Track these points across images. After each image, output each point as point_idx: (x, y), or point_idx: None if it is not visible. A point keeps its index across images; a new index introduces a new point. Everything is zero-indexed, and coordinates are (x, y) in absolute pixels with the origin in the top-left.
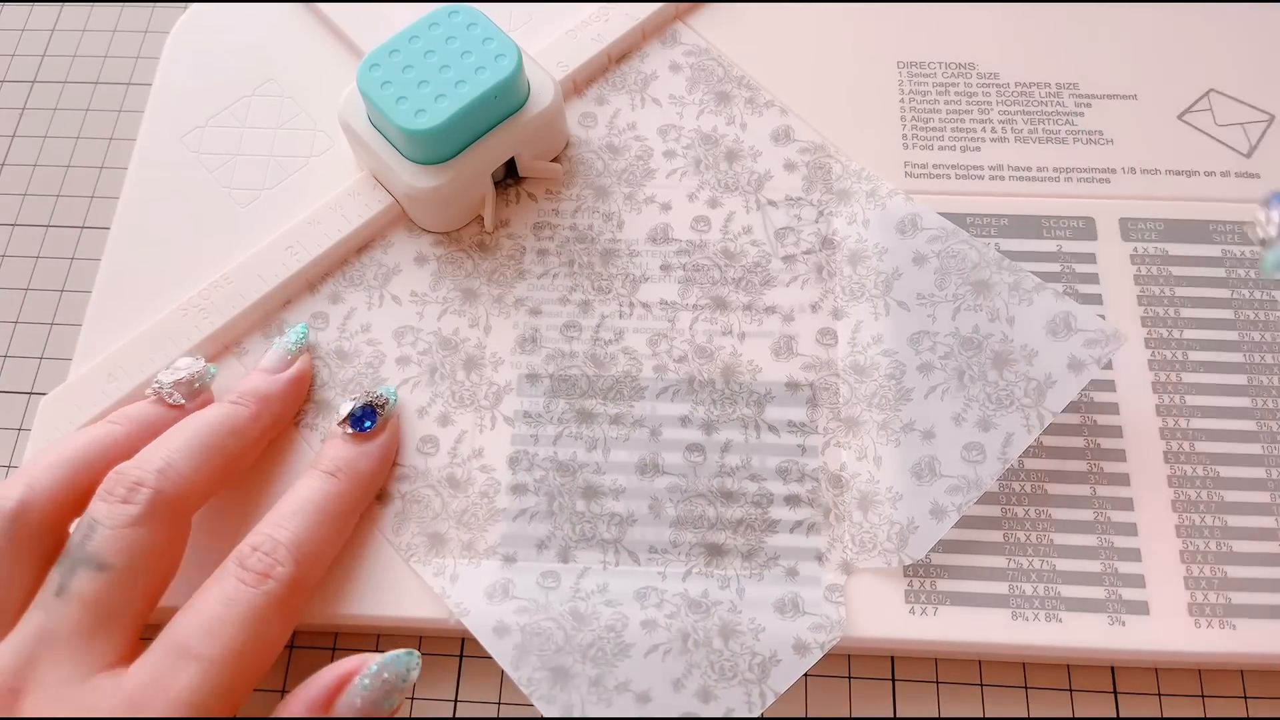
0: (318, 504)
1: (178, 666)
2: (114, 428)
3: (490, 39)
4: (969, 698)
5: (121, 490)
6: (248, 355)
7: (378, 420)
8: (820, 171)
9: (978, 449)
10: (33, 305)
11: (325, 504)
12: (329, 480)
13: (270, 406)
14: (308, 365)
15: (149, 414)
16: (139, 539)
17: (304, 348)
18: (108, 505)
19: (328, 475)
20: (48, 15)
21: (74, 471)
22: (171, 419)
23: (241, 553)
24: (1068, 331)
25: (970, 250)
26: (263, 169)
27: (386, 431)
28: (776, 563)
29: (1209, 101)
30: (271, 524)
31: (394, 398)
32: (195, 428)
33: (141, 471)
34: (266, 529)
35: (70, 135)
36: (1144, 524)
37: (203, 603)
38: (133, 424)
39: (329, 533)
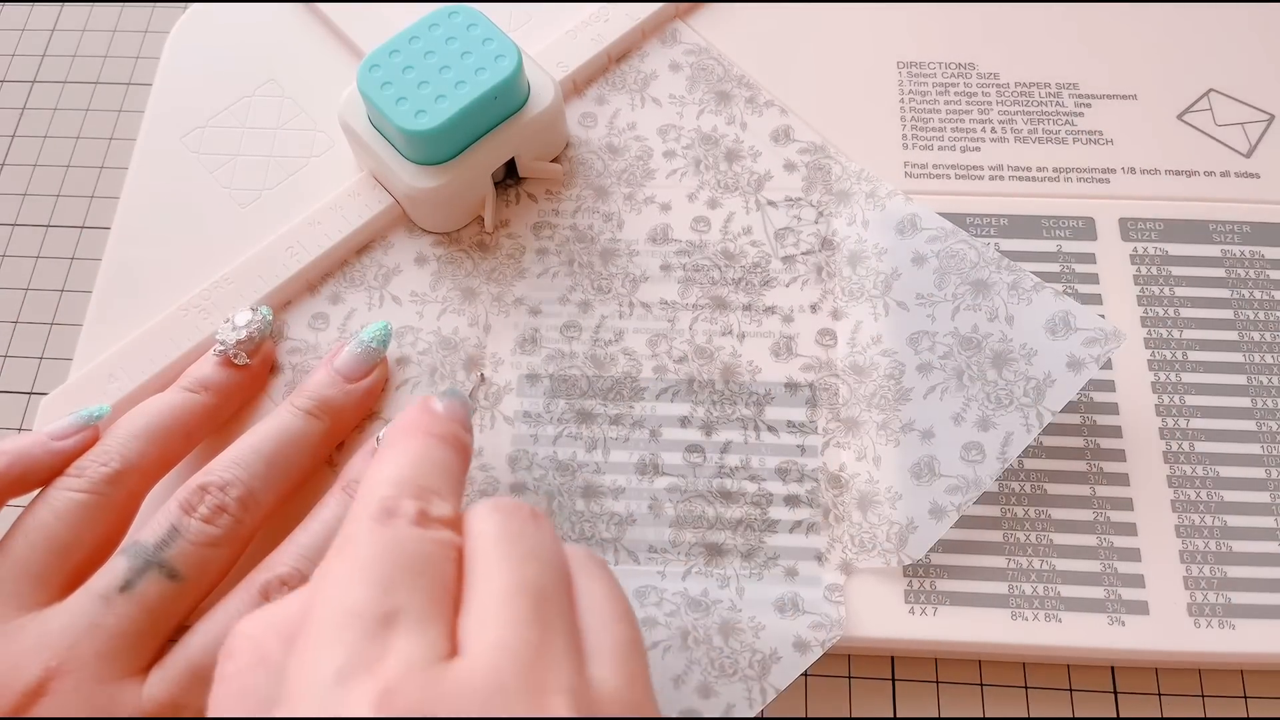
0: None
1: (194, 691)
2: (193, 398)
3: (490, 39)
4: (969, 697)
5: (205, 510)
6: None
7: None
8: (820, 172)
9: (977, 449)
10: (33, 305)
11: None
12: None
13: (342, 423)
14: (385, 376)
15: (221, 379)
16: (213, 559)
17: (384, 353)
18: (191, 520)
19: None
20: (48, 15)
21: (160, 444)
22: (241, 380)
23: (268, 582)
24: (1067, 330)
25: (969, 250)
26: (263, 169)
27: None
28: (776, 563)
29: (1209, 101)
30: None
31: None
32: (276, 446)
33: (226, 497)
34: (293, 549)
35: (70, 135)
36: (1143, 524)
37: (221, 623)
38: (209, 393)
39: None
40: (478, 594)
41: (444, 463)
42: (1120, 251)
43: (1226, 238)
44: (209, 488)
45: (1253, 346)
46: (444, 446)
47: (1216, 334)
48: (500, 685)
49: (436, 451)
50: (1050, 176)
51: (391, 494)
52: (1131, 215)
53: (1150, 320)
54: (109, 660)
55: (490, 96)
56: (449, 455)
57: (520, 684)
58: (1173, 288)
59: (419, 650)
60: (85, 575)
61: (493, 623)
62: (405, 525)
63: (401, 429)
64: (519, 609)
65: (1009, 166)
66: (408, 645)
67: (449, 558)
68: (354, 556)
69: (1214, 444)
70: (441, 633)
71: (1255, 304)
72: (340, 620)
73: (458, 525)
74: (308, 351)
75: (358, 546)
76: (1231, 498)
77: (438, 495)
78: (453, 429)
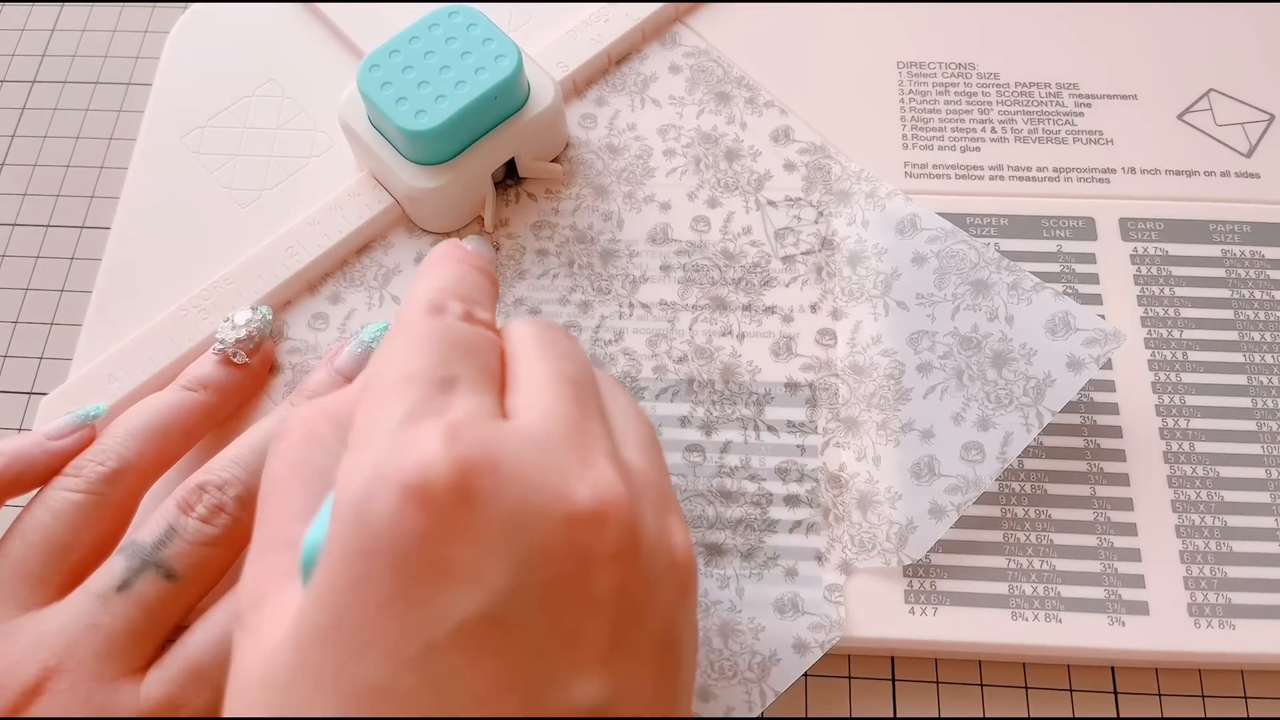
0: None
1: (191, 691)
2: (192, 396)
3: (490, 39)
4: (969, 698)
5: (203, 509)
6: None
7: None
8: (820, 172)
9: (977, 448)
10: (33, 305)
11: None
12: None
13: None
14: None
15: (220, 378)
16: (211, 558)
17: None
18: (189, 519)
19: None
20: (48, 15)
21: (159, 442)
22: (240, 379)
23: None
24: (1067, 331)
25: (969, 250)
26: (263, 169)
27: None
28: (776, 563)
29: (1209, 101)
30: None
31: None
32: None
33: (223, 496)
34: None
35: (70, 135)
36: (1144, 524)
37: (219, 623)
38: (209, 392)
39: None
40: (521, 380)
41: (481, 284)
42: (1120, 251)
43: (1227, 238)
44: (207, 487)
45: (1253, 346)
46: (479, 273)
47: (1217, 334)
48: (552, 440)
49: (472, 274)
50: (1050, 176)
51: (438, 296)
52: (1132, 215)
53: (1150, 320)
54: (106, 659)
55: (490, 96)
56: (484, 280)
57: (569, 442)
58: (1173, 288)
59: (479, 406)
60: (84, 575)
61: (538, 398)
62: (454, 319)
63: (438, 256)
64: (561, 391)
65: (1009, 166)
66: (468, 401)
67: (494, 350)
68: (409, 336)
69: (1214, 444)
70: (495, 400)
71: (1255, 304)
72: (402, 381)
73: (498, 334)
74: (307, 351)
75: (411, 329)
76: (1232, 498)
77: (479, 305)
78: (483, 263)
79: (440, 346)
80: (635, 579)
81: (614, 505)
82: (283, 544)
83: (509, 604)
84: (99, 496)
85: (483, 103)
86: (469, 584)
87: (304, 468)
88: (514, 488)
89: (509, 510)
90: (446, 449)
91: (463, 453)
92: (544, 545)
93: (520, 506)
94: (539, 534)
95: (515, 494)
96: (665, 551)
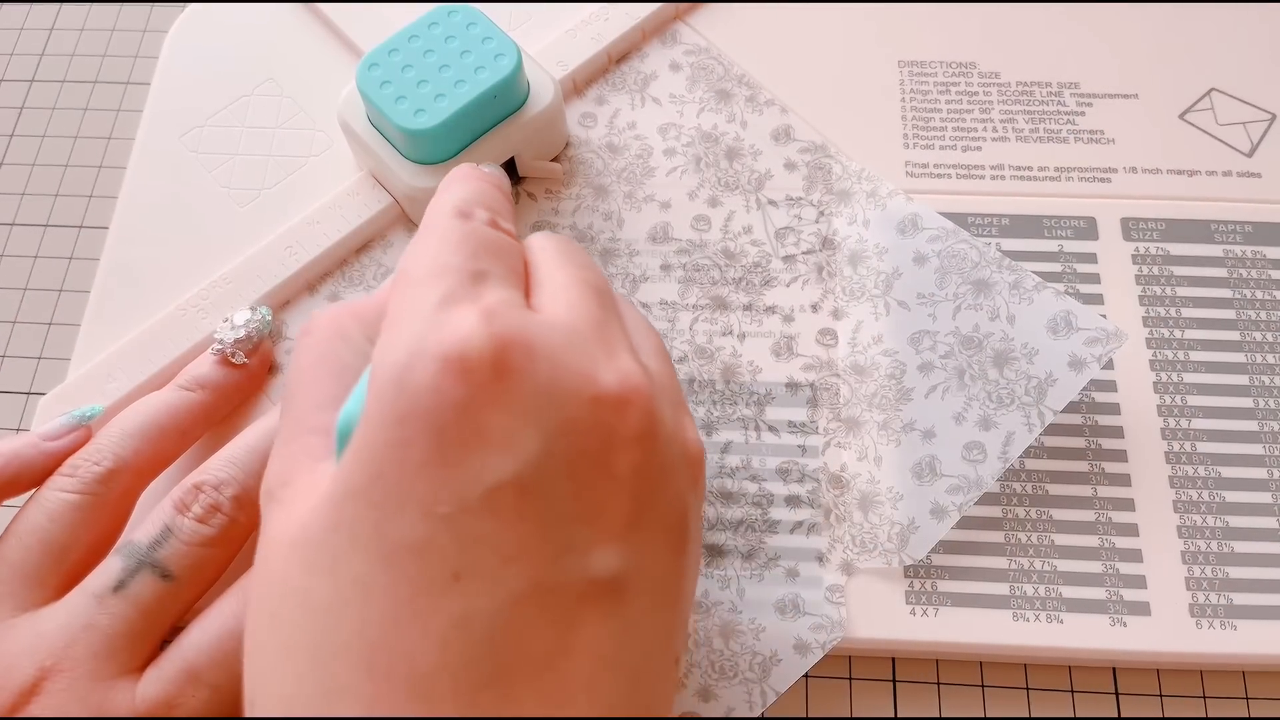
0: None
1: (187, 691)
2: (189, 396)
3: (490, 38)
4: (970, 699)
5: (199, 509)
6: None
7: None
8: (821, 171)
9: (978, 448)
10: (31, 305)
11: None
12: None
13: None
14: None
15: (218, 378)
16: (207, 558)
17: None
18: (185, 519)
19: None
20: (46, 14)
21: (155, 441)
22: (239, 379)
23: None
24: (1068, 330)
25: (970, 250)
26: (262, 169)
27: None
28: (777, 563)
29: (1210, 101)
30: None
31: None
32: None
33: (220, 496)
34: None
35: (69, 134)
36: (1145, 525)
37: (216, 624)
38: (206, 392)
39: None
40: (546, 284)
41: (501, 199)
42: (1122, 251)
43: (1228, 237)
44: (203, 486)
45: (1255, 346)
46: (498, 191)
47: (1218, 334)
48: (579, 331)
49: (494, 190)
50: (1051, 176)
51: (465, 204)
52: (1133, 215)
53: (1152, 320)
54: (103, 659)
55: (490, 95)
56: (504, 198)
57: (594, 335)
58: (1175, 288)
59: (510, 297)
60: (81, 575)
61: (564, 297)
62: (480, 223)
63: (459, 173)
64: (584, 293)
65: (1010, 166)
66: (499, 291)
67: (519, 254)
68: (440, 235)
69: (1216, 444)
70: (523, 297)
71: (1257, 304)
72: (436, 272)
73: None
74: None
75: (441, 229)
76: (1233, 498)
77: (502, 216)
78: (502, 184)
79: (470, 244)
80: (653, 461)
81: (636, 392)
82: (310, 429)
83: (538, 472)
84: (94, 497)
85: (482, 102)
86: (502, 451)
87: (330, 360)
88: (546, 365)
89: (541, 386)
90: (484, 326)
91: (499, 330)
92: (572, 421)
93: (551, 383)
94: (568, 410)
95: (547, 371)
96: (679, 441)
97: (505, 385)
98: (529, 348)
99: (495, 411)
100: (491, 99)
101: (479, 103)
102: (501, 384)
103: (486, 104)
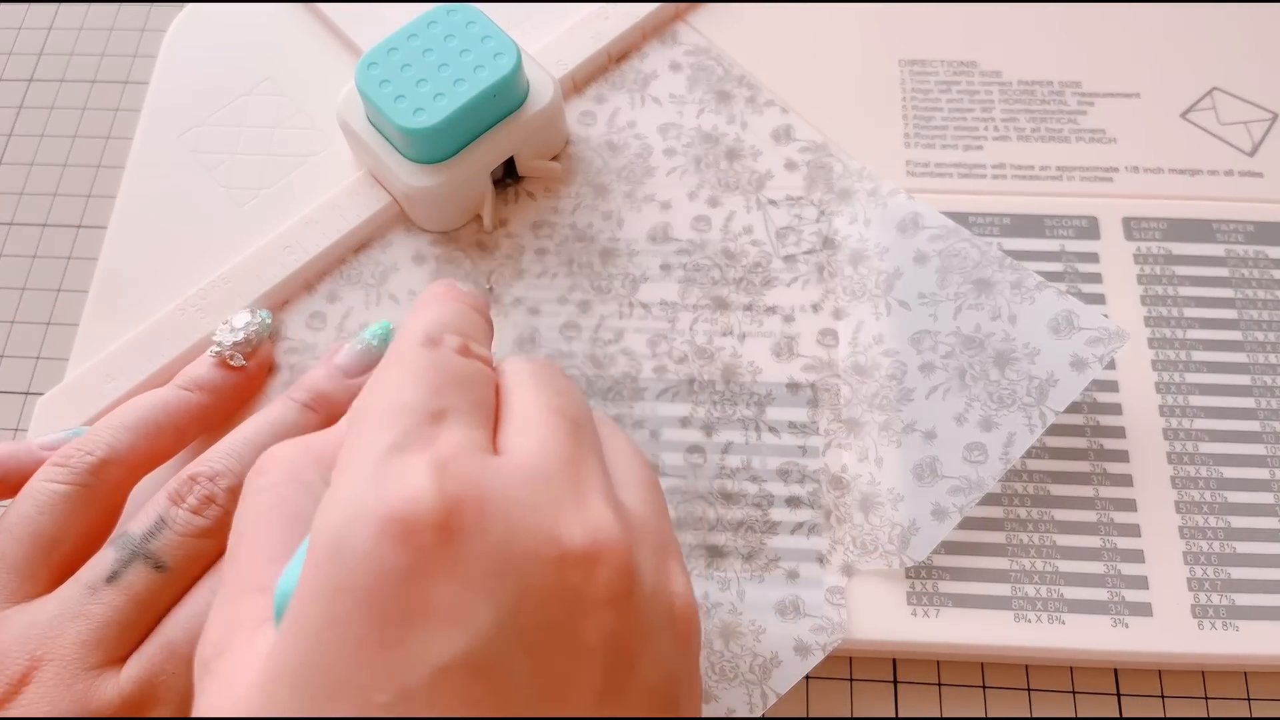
0: None
1: (167, 669)
2: (188, 396)
3: (489, 37)
4: (971, 699)
5: (194, 500)
6: None
7: None
8: (821, 170)
9: (980, 449)
10: (29, 305)
11: None
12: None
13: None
14: None
15: (216, 380)
16: (200, 549)
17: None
18: (179, 510)
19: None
20: (45, 13)
21: (150, 437)
22: (237, 381)
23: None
24: (1070, 330)
25: (972, 249)
26: (261, 168)
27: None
28: (777, 565)
29: (1212, 100)
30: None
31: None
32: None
33: (215, 487)
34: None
35: (67, 134)
36: (1147, 525)
37: (197, 602)
38: (204, 393)
39: None
40: (516, 416)
41: (477, 322)
42: (1124, 251)
43: (1230, 237)
44: (199, 478)
45: (1257, 346)
46: (475, 312)
47: (1220, 334)
48: (546, 475)
49: (469, 313)
50: (1053, 175)
51: (435, 330)
52: (1135, 214)
53: (1154, 320)
54: (91, 648)
55: (489, 94)
56: (480, 320)
57: (562, 479)
58: (1176, 287)
59: (469, 440)
60: (72, 568)
61: (534, 433)
62: (449, 351)
63: (433, 293)
64: (557, 427)
65: (1011, 165)
66: (458, 434)
67: (490, 383)
68: (402, 368)
69: (1218, 444)
70: (487, 435)
71: (1259, 304)
72: (391, 411)
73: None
74: (305, 351)
75: (405, 361)
76: (1235, 499)
77: (475, 341)
78: (479, 303)
79: (433, 378)
80: (629, 625)
81: (607, 546)
82: (255, 587)
83: (492, 649)
84: (85, 488)
85: (481, 101)
86: (450, 626)
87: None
88: (501, 525)
89: (496, 549)
90: (432, 483)
91: (449, 488)
92: (532, 588)
93: (508, 545)
94: (527, 575)
95: (503, 532)
96: (663, 599)
97: (454, 551)
98: (483, 505)
99: (442, 581)
100: (491, 98)
101: (478, 102)
102: (449, 549)
103: (486, 103)
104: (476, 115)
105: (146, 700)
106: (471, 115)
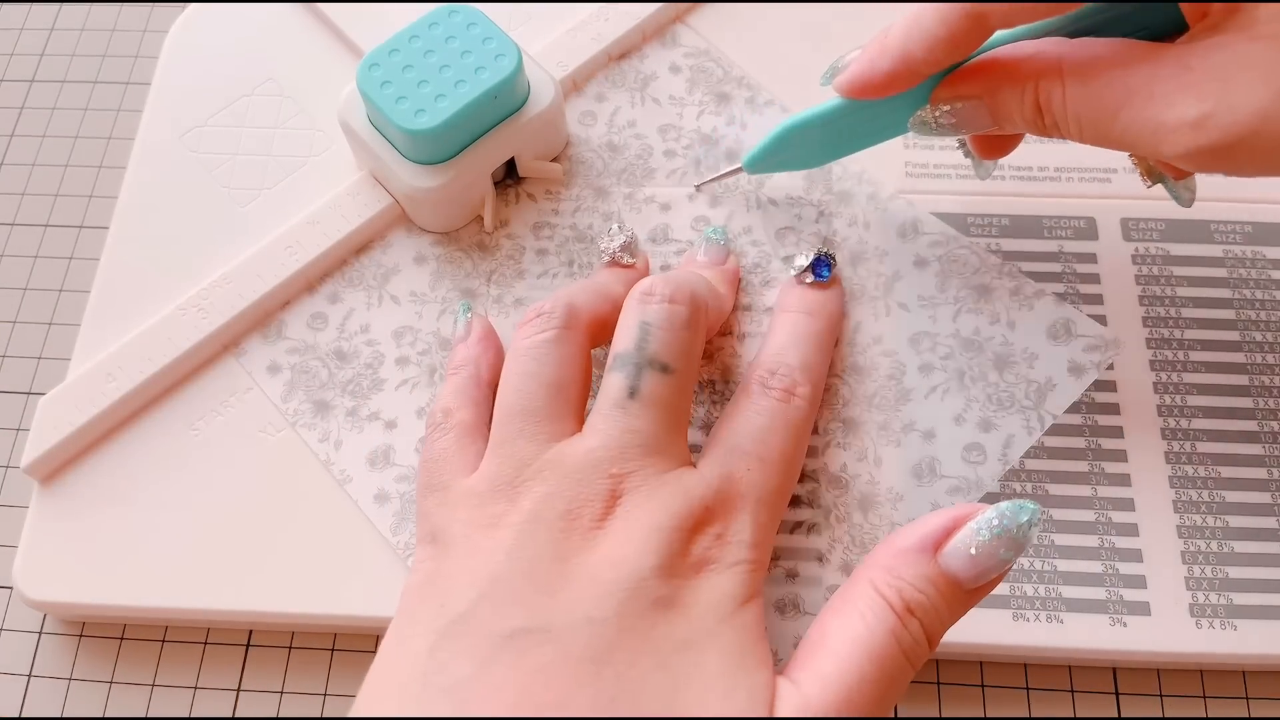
0: (808, 336)
1: (741, 464)
2: (624, 273)
3: (490, 38)
4: (970, 699)
5: (665, 291)
6: (246, 355)
7: (832, 270)
8: (821, 171)
9: (978, 450)
10: (31, 305)
11: (814, 336)
12: (809, 319)
13: (727, 299)
14: (737, 265)
15: (621, 274)
16: (691, 343)
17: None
18: (655, 307)
19: (806, 315)
20: (46, 14)
21: (601, 300)
22: (628, 275)
23: (761, 377)
24: (1068, 337)
25: (971, 255)
26: (262, 169)
27: (840, 281)
28: (776, 564)
29: None
30: (775, 353)
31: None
32: (701, 277)
33: (669, 289)
34: (776, 355)
35: (69, 134)
36: (1145, 525)
37: (744, 416)
38: (621, 283)
39: (821, 360)
40: None
41: None
42: (1122, 251)
43: (1228, 237)
44: (653, 288)
45: (1254, 346)
46: None
47: (1218, 334)
48: None
49: None
50: (1051, 176)
51: None
52: (1133, 215)
53: (1152, 320)
54: (656, 455)
55: (490, 96)
56: None
57: None
58: (1174, 288)
59: None
60: (583, 406)
61: None
62: None
63: None
64: None
65: (1010, 166)
66: None
67: None
68: None
69: (1216, 444)
70: None
71: (1257, 304)
72: None
73: None
74: (306, 351)
75: None
76: (1233, 498)
77: None
78: None
79: None
80: None
81: None
82: None
83: None
84: (567, 329)
85: (482, 102)
86: None
87: None
88: None
89: None
90: None
91: None
92: None
93: None
94: None
95: None
96: None
97: None
98: None
99: None
100: (492, 99)
101: (479, 103)
102: None
103: (487, 104)
104: (477, 116)
105: (733, 493)
106: (472, 116)
